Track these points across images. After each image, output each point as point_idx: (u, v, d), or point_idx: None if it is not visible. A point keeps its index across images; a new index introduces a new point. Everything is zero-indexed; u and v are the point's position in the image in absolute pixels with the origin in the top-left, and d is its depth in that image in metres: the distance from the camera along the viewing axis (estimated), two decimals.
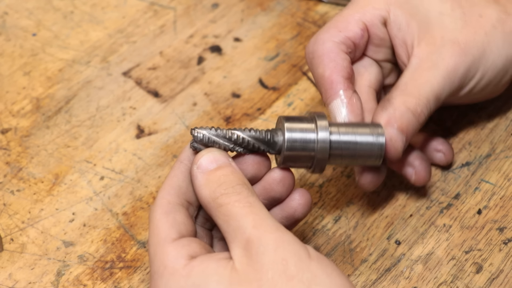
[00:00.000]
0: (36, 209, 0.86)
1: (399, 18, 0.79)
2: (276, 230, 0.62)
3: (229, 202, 0.64)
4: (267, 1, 1.06)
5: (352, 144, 0.72)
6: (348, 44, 0.78)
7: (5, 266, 0.82)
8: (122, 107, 0.95)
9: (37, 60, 1.00)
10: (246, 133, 0.69)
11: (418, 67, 0.77)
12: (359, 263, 0.81)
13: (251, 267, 0.61)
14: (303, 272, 0.61)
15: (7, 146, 0.91)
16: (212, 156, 0.67)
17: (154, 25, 1.04)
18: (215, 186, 0.65)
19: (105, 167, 0.89)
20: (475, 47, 0.78)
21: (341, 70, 0.76)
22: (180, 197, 0.68)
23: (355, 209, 0.85)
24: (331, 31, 0.78)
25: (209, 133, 0.69)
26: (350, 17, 0.79)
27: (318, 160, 0.70)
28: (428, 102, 0.76)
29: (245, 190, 0.65)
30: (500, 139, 0.90)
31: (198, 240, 0.66)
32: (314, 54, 0.78)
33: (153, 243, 0.66)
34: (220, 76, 0.98)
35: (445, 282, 0.79)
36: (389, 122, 0.74)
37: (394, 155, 0.74)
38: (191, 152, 0.70)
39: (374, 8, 0.79)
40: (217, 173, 0.66)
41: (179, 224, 0.66)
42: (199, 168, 0.67)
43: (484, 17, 0.79)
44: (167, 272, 0.63)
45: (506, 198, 0.85)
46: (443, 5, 0.79)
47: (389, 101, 0.75)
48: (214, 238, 0.73)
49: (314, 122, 0.70)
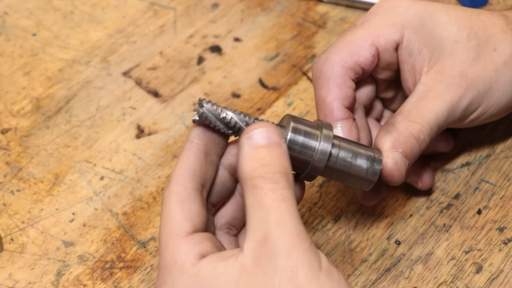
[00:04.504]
0: (36, 209, 0.86)
1: (412, 44, 0.77)
2: (296, 235, 0.61)
3: (264, 188, 0.62)
4: (267, 1, 1.06)
5: (348, 163, 0.71)
6: (357, 70, 0.77)
7: (5, 266, 0.82)
8: (122, 107, 0.95)
9: (37, 60, 1.00)
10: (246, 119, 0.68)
11: (424, 95, 0.76)
12: (359, 263, 0.81)
13: (260, 268, 0.61)
14: (312, 283, 0.60)
15: (7, 146, 0.91)
16: (266, 131, 0.65)
17: (154, 25, 1.04)
18: (257, 165, 0.63)
19: (105, 167, 0.89)
20: (481, 83, 0.77)
21: (344, 99, 0.75)
22: (195, 181, 0.66)
23: (355, 209, 0.85)
24: (342, 54, 0.77)
25: (209, 110, 0.67)
26: (363, 40, 0.77)
27: (312, 168, 0.69)
28: (431, 129, 0.75)
29: (284, 181, 0.63)
30: (500, 139, 0.90)
31: (210, 237, 0.65)
32: (321, 74, 0.77)
33: (165, 234, 0.64)
34: (220, 76, 0.98)
35: (445, 282, 0.79)
36: (394, 146, 0.74)
37: (398, 179, 0.74)
38: (200, 130, 0.68)
39: (389, 31, 0.77)
40: (264, 152, 0.63)
41: (194, 216, 0.65)
42: (249, 139, 0.64)
43: (497, 51, 0.78)
44: (176, 268, 0.63)
45: (506, 198, 0.85)
46: (460, 34, 0.78)
47: (393, 125, 0.75)
48: (216, 226, 0.72)
49: (320, 130, 0.69)
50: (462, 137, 0.90)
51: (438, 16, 0.78)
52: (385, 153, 0.74)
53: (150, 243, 0.83)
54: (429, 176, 0.84)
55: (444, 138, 0.87)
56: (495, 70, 0.78)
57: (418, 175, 0.84)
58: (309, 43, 1.01)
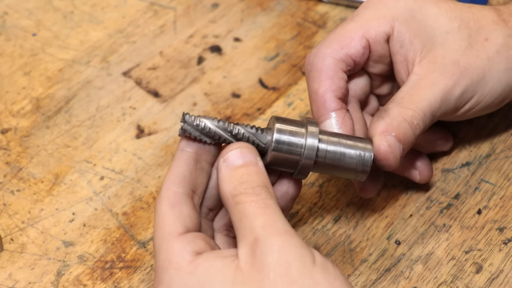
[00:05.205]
0: (36, 209, 0.86)
1: (403, 35, 0.78)
2: (284, 233, 0.62)
3: (246, 201, 0.64)
4: (267, 1, 1.06)
5: (338, 156, 0.71)
6: (348, 62, 0.77)
7: (5, 266, 0.82)
8: (122, 107, 0.95)
9: (37, 60, 1.00)
10: (242, 128, 0.69)
11: (417, 84, 0.76)
12: (359, 263, 0.81)
13: (254, 267, 0.61)
14: (305, 277, 0.61)
15: (7, 146, 0.91)
16: (240, 152, 0.67)
17: (154, 25, 1.04)
18: (236, 183, 0.65)
19: (105, 167, 0.89)
20: (475, 71, 0.77)
21: (336, 90, 0.76)
22: (185, 187, 0.68)
23: (355, 209, 0.85)
24: (333, 46, 0.77)
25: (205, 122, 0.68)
26: (354, 33, 0.78)
27: (303, 166, 0.70)
28: (425, 116, 0.75)
29: (264, 192, 0.65)
30: (500, 139, 0.90)
31: (203, 236, 0.66)
32: (313, 67, 0.78)
33: (158, 236, 0.66)
34: (220, 76, 0.98)
35: (445, 282, 0.79)
36: (387, 130, 0.74)
37: (393, 161, 0.73)
38: (190, 139, 0.69)
39: (379, 24, 0.78)
40: (241, 171, 0.66)
41: (185, 217, 0.66)
42: (225, 162, 0.67)
43: (489, 41, 0.79)
44: (172, 267, 0.63)
45: (506, 198, 0.85)
46: (450, 24, 0.78)
47: (386, 111, 0.75)
48: (215, 229, 0.73)
49: (305, 127, 0.70)
50: (462, 137, 0.90)
51: (428, 8, 0.79)
52: (378, 137, 0.73)
53: (150, 243, 0.83)
54: (427, 168, 0.84)
55: (443, 137, 0.87)
56: (487, 59, 0.78)
57: (416, 168, 0.84)
58: (309, 43, 1.01)
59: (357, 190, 0.80)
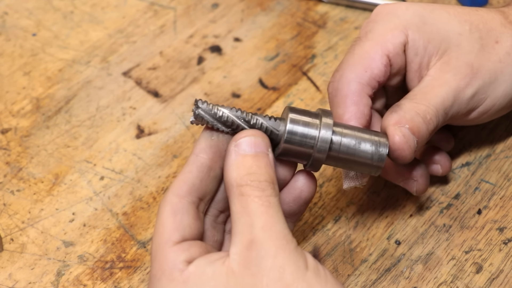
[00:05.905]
0: (36, 209, 0.86)
1: (417, 42, 0.77)
2: (282, 238, 0.62)
3: (250, 195, 0.63)
4: (267, 1, 1.06)
5: (352, 149, 0.70)
6: (373, 85, 0.77)
7: (5, 266, 0.82)
8: (122, 107, 0.95)
9: (37, 60, 1.00)
10: (256, 118, 0.68)
11: (430, 83, 0.76)
12: (359, 263, 0.81)
13: (248, 271, 0.61)
14: (299, 282, 0.61)
15: (7, 146, 0.91)
16: (253, 140, 0.66)
17: (154, 25, 1.04)
18: (244, 173, 0.64)
19: (105, 167, 0.89)
20: (487, 73, 0.78)
21: (361, 117, 0.75)
22: (192, 195, 0.67)
23: (355, 209, 0.85)
24: (356, 70, 0.76)
25: (205, 109, 0.67)
26: (373, 52, 0.77)
27: (315, 158, 0.69)
28: (437, 111, 0.75)
29: (269, 189, 0.64)
30: (500, 139, 0.90)
31: (199, 243, 0.66)
32: (338, 92, 0.76)
33: (155, 243, 0.65)
34: (220, 76, 0.98)
35: (445, 282, 0.79)
36: (400, 122, 0.73)
37: (407, 153, 0.72)
38: (206, 144, 0.68)
39: (394, 35, 0.77)
40: (251, 160, 0.65)
41: (185, 227, 0.65)
42: (237, 147, 0.66)
43: (499, 43, 0.79)
44: (165, 277, 0.63)
45: (506, 198, 0.85)
46: (462, 27, 0.78)
47: (398, 106, 0.75)
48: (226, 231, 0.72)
49: (319, 118, 0.69)
50: (462, 137, 0.90)
51: (438, 13, 0.79)
52: (392, 128, 0.73)
53: (150, 243, 0.83)
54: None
55: (444, 138, 0.87)
56: (499, 61, 0.78)
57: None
58: (309, 43, 1.01)
59: (412, 190, 0.79)
